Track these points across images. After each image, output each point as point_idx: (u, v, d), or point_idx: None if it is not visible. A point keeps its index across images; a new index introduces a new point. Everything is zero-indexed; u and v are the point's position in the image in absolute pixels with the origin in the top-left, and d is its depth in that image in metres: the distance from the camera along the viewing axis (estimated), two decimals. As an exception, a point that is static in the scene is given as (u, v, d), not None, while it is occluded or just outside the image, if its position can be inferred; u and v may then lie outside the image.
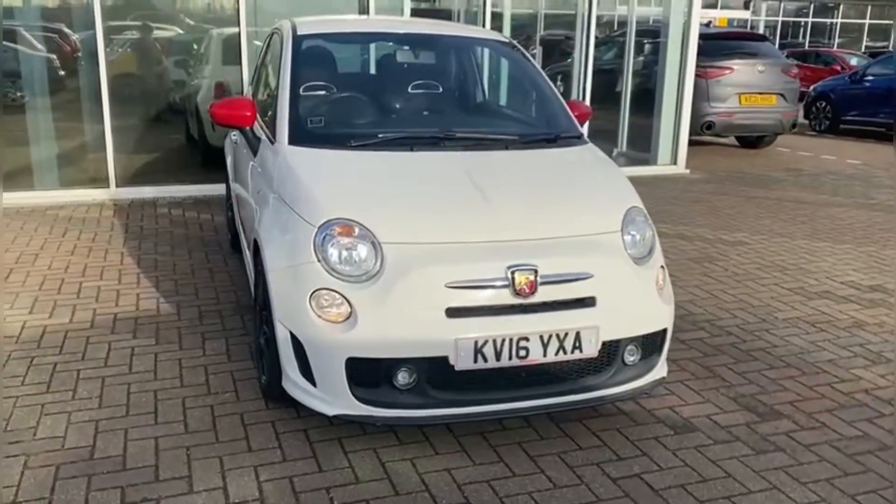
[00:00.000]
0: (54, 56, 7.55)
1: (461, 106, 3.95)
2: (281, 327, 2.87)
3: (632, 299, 2.99)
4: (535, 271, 2.79)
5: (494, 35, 4.26)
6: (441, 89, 3.99)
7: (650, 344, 3.08)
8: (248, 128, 3.63)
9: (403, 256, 2.77)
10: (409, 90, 3.91)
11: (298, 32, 3.83)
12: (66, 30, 7.82)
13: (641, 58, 9.60)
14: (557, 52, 11.07)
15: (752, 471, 2.89)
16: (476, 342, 2.71)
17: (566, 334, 2.81)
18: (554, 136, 3.67)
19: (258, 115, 3.77)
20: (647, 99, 9.24)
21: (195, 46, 8.11)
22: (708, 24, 18.37)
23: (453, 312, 2.72)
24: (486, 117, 3.90)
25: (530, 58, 4.12)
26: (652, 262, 3.14)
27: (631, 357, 3.01)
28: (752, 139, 10.97)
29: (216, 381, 3.44)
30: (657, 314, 3.06)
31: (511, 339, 2.75)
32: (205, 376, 3.49)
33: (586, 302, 2.88)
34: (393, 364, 2.73)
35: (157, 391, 3.34)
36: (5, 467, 2.73)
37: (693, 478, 2.83)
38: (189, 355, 3.71)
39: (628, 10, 9.58)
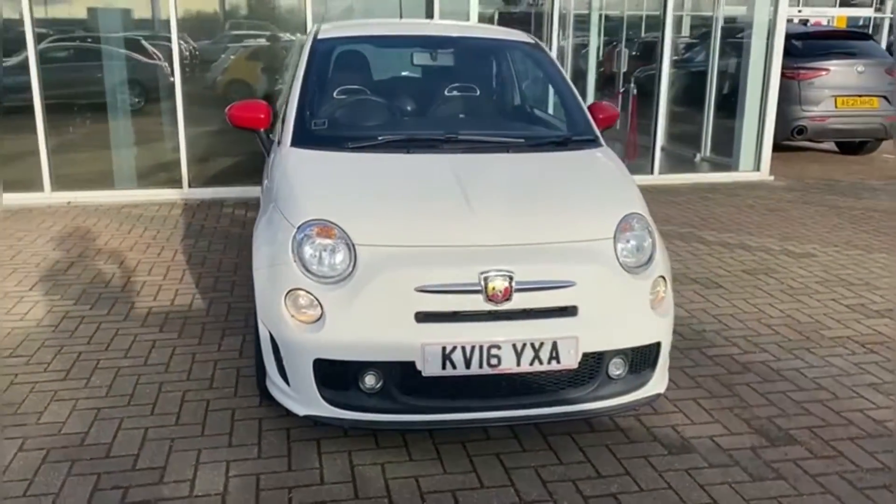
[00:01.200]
0: (166, 64, 7.95)
1: (472, 108, 3.89)
2: (262, 326, 2.91)
3: (619, 310, 2.85)
4: (511, 277, 2.70)
5: (518, 36, 4.18)
6: (454, 92, 3.94)
7: (641, 358, 2.92)
8: (261, 130, 3.70)
9: (376, 259, 2.75)
10: (422, 93, 3.89)
11: (319, 36, 3.89)
12: (187, 40, 8.25)
13: (727, 59, 9.17)
14: (646, 55, 10.76)
15: (742, 499, 2.69)
16: (444, 348, 2.65)
17: (542, 344, 2.71)
18: (564, 139, 3.56)
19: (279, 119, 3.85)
20: (732, 102, 8.82)
21: (284, 53, 8.27)
22: (805, 23, 17.34)
23: (422, 317, 2.68)
24: (496, 119, 3.83)
25: (554, 59, 4.02)
26: (649, 271, 2.98)
27: (617, 371, 2.87)
28: (854, 145, 10.27)
29: (221, 377, 3.53)
30: (648, 327, 2.91)
31: (482, 347, 2.67)
32: (212, 371, 3.59)
33: (567, 311, 2.77)
34: (360, 367, 2.71)
35: (162, 383, 3.46)
36: (1, 448, 2.90)
37: (672, 501, 2.66)
38: (204, 350, 3.82)
39: (713, 9, 9.18)
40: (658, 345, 2.94)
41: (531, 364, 2.72)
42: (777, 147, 9.23)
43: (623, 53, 10.71)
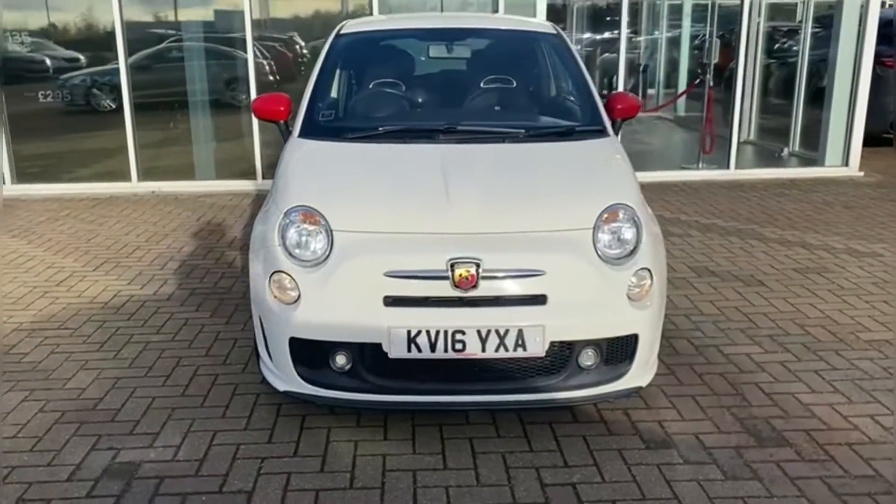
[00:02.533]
0: (273, 63, 8.40)
1: (481, 99, 3.91)
2: (254, 307, 3.09)
3: (592, 301, 2.83)
4: (478, 265, 2.75)
5: (539, 26, 4.16)
6: (466, 83, 3.98)
7: (616, 349, 2.90)
8: (282, 122, 3.87)
9: (351, 244, 2.86)
10: (434, 85, 3.95)
11: (341, 31, 4.03)
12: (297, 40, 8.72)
13: (819, 48, 8.69)
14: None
15: (707, 497, 2.63)
16: (409, 332, 2.73)
17: (507, 331, 2.74)
18: (568, 130, 3.54)
19: None
20: (821, 94, 8.37)
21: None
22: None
23: (391, 301, 2.77)
24: (503, 110, 3.83)
25: (572, 49, 3.98)
26: (631, 263, 2.93)
27: (588, 361, 2.86)
28: (965, 139, 9.49)
29: (236, 354, 3.75)
30: (624, 319, 2.87)
31: (446, 332, 2.73)
32: (230, 349, 3.81)
33: (535, 299, 2.78)
34: (331, 347, 2.83)
35: (181, 358, 3.71)
36: (25, 408, 3.21)
37: (631, 495, 2.63)
38: (229, 329, 4.06)
39: (805, -4, 8.73)
40: (635, 337, 2.90)
41: (496, 351, 2.75)
42: (874, 141, 8.69)
43: (715, 44, 10.35)
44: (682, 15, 11.94)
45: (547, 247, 2.85)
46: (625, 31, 8.04)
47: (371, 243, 2.85)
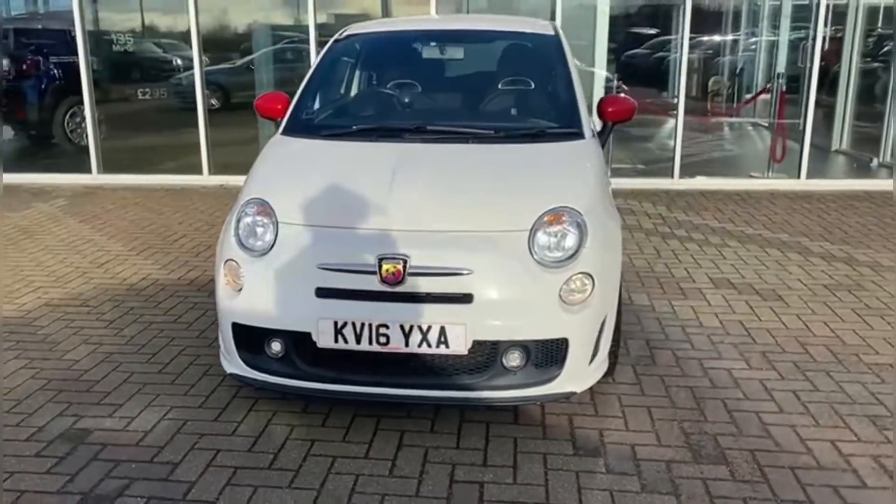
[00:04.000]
0: None
1: (461, 100, 3.92)
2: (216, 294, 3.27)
3: (519, 302, 2.83)
4: (405, 262, 2.80)
5: (535, 27, 4.12)
6: (451, 85, 4.00)
7: (545, 353, 2.87)
8: (279, 119, 4.04)
9: (293, 236, 2.99)
10: (420, 86, 4.00)
11: (341, 35, 4.17)
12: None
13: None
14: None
15: (612, 507, 2.58)
16: (336, 323, 2.83)
17: (430, 327, 2.78)
18: (540, 131, 3.52)
19: None
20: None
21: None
22: None
23: (322, 292, 2.87)
24: (478, 111, 3.83)
25: (565, 50, 3.94)
26: (570, 267, 2.90)
27: (513, 362, 2.86)
28: None
29: (224, 338, 3.95)
30: (553, 322, 2.84)
31: (371, 325, 2.81)
32: (221, 332, 4.02)
33: (461, 298, 2.81)
34: (266, 333, 2.96)
35: (175, 338, 3.95)
36: (21, 375, 3.53)
37: (535, 499, 2.61)
38: (229, 315, 4.28)
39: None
40: (565, 341, 2.86)
41: (419, 346, 2.80)
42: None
43: (809, 48, 9.83)
44: (781, 17, 11.37)
45: (477, 247, 2.86)
46: (730, 34, 7.83)
47: (309, 236, 2.96)
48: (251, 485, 2.69)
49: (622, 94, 4.31)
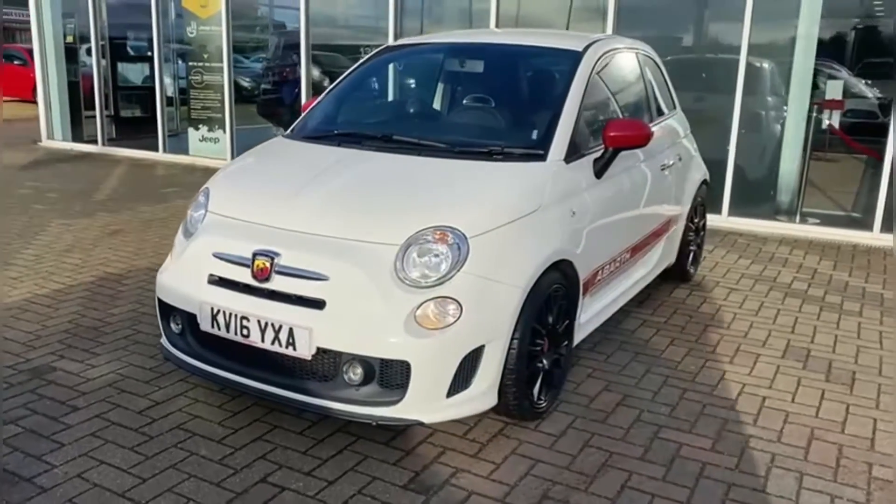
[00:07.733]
0: None
1: (448, 115, 3.77)
2: None
3: (367, 316, 2.77)
4: (273, 259, 2.89)
5: (563, 43, 3.82)
6: (451, 100, 3.87)
7: (387, 373, 2.77)
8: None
9: (211, 224, 3.23)
10: (423, 98, 3.94)
11: (379, 50, 4.30)
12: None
13: None
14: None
15: (380, 544, 2.42)
16: (213, 309, 3.00)
17: (280, 327, 2.85)
18: (496, 150, 3.33)
19: None
20: None
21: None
22: None
23: (213, 279, 3.06)
24: (453, 126, 3.64)
25: (580, 70, 3.63)
26: (432, 290, 2.77)
27: (353, 376, 2.80)
28: None
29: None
30: (395, 343, 2.73)
31: (236, 316, 2.94)
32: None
33: (315, 303, 2.82)
34: (171, 310, 3.23)
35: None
36: (32, 322, 4.17)
37: (316, 515, 2.55)
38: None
39: None
40: (406, 365, 2.73)
41: (272, 344, 2.87)
42: None
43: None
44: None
45: (342, 254, 2.85)
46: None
47: (220, 226, 3.18)
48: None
49: (636, 119, 3.89)
